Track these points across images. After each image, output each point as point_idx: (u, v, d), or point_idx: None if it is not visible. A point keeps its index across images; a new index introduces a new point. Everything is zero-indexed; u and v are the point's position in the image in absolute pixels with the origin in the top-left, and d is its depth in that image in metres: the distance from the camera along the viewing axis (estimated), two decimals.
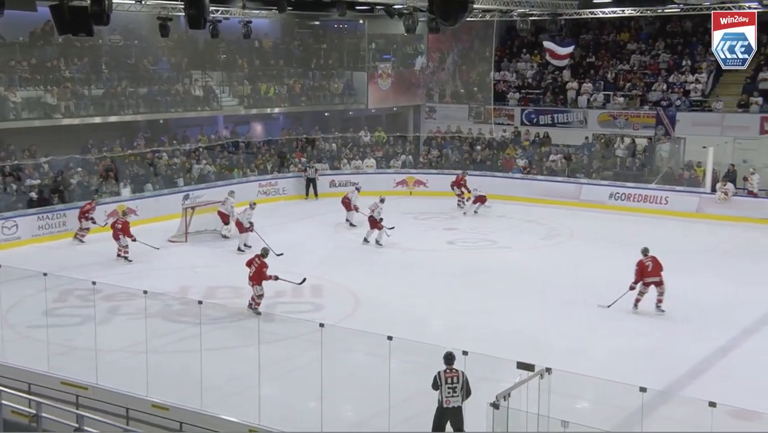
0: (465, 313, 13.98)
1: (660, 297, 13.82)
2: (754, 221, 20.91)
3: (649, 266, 13.72)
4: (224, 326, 12.77)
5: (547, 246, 19.46)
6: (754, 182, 21.83)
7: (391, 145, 27.67)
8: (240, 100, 26.58)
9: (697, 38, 27.76)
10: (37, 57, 22.54)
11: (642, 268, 13.78)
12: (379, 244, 18.65)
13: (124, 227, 17.41)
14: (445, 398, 8.82)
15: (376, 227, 18.65)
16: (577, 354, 12.02)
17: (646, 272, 13.74)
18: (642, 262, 13.81)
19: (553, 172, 25.02)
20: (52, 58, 22.79)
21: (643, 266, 13.78)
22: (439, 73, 31.16)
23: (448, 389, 8.80)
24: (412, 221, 22.02)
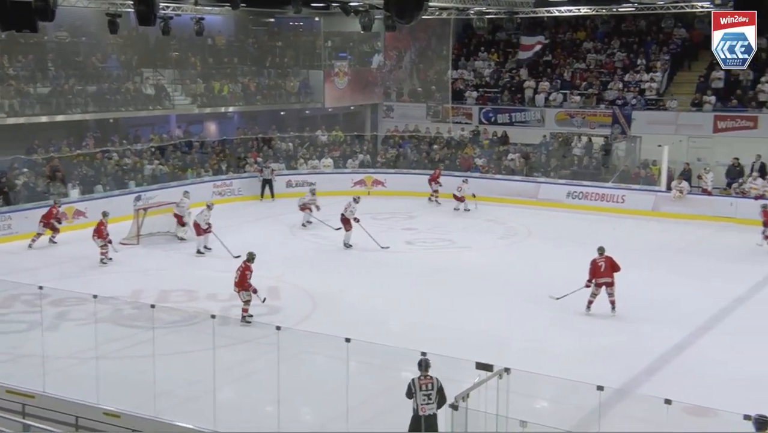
0: (424, 313, 14.04)
1: (611, 298, 13.80)
2: (708, 218, 21.43)
3: (601, 266, 13.73)
4: (178, 330, 12.61)
5: (505, 245, 19.67)
6: (708, 180, 22.36)
7: (348, 145, 27.67)
8: (193, 99, 26.30)
9: (652, 37, 28.34)
10: None
11: (595, 267, 13.80)
12: (348, 246, 18.54)
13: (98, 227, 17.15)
14: (420, 406, 8.65)
15: (348, 228, 18.52)
16: (536, 353, 12.17)
17: (598, 271, 13.74)
18: (595, 261, 13.84)
19: (511, 172, 25.28)
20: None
21: (595, 266, 13.80)
22: (397, 71, 31.25)
23: (423, 396, 8.63)
24: (371, 221, 21.89)
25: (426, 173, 25.61)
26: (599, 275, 13.75)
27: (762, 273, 16.69)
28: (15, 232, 19.02)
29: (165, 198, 21.23)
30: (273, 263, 17.29)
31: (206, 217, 17.99)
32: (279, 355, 9.24)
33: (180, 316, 13.21)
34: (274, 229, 20.73)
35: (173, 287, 15.60)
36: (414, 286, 15.86)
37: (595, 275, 13.77)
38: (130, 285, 15.50)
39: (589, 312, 13.84)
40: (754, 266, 17.27)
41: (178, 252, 18.36)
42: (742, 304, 14.79)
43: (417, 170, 26.13)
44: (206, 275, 16.55)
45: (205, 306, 13.91)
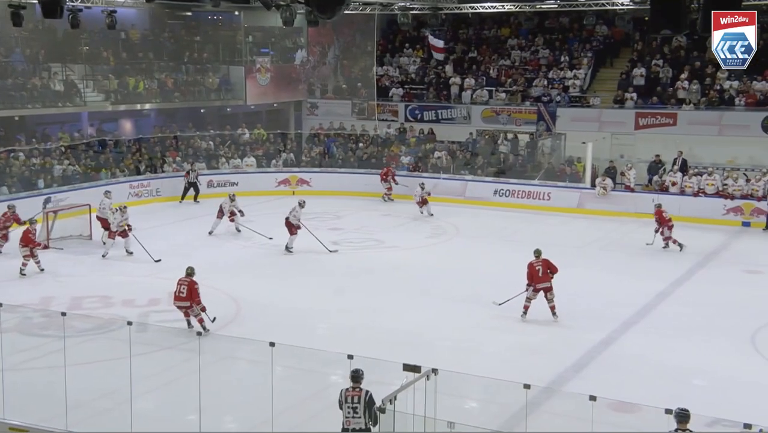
0: (351, 315, 14.05)
1: (551, 304, 13.76)
2: (632, 215, 22.13)
3: (539, 270, 13.66)
4: (92, 339, 12.26)
5: (433, 244, 19.85)
6: (631, 177, 23.11)
7: (271, 143, 27.43)
8: (106, 96, 25.59)
9: (574, 34, 29.12)
10: None
11: (532, 271, 13.70)
12: (290, 250, 18.32)
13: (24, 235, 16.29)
14: (345, 419, 8.51)
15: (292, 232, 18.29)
16: (464, 353, 12.33)
17: (536, 276, 13.67)
18: (532, 265, 13.74)
19: (438, 170, 25.53)
20: None
21: (533, 270, 13.70)
22: (321, 67, 31.16)
23: (348, 408, 8.47)
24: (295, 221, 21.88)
25: (352, 172, 25.67)
26: (537, 280, 13.64)
27: (682, 269, 17.36)
28: None
29: (77, 200, 20.57)
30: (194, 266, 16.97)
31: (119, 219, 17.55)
32: (200, 361, 9.08)
33: (94, 323, 12.85)
34: (196, 231, 20.36)
35: (86, 293, 15.13)
36: (340, 287, 15.84)
37: (533, 279, 13.68)
38: (38, 292, 14.97)
39: (525, 318, 13.75)
40: (675, 262, 17.94)
41: (91, 257, 17.83)
42: (664, 299, 15.34)
43: (343, 169, 26.12)
44: (122, 280, 16.14)
45: (121, 312, 13.54)
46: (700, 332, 13.57)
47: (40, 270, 16.38)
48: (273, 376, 8.97)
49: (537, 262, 13.78)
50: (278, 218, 20.33)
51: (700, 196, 22.02)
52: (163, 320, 13.55)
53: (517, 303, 13.96)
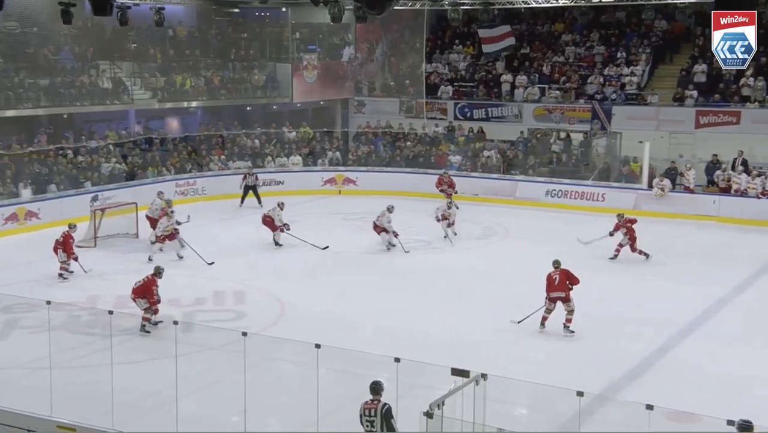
0: (397, 317, 14.06)
1: (568, 316, 13.43)
2: (690, 217, 21.70)
3: (555, 280, 13.43)
4: (138, 338, 12.50)
5: (482, 246, 19.75)
6: (690, 178, 22.66)
7: (318, 142, 27.60)
8: (153, 93, 26.07)
9: (632, 29, 28.66)
10: None
11: (549, 281, 13.49)
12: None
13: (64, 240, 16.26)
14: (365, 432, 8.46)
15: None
16: (513, 358, 12.25)
17: (552, 285, 13.43)
18: (550, 275, 13.53)
19: (487, 169, 25.37)
20: None
21: (549, 280, 13.49)
22: (368, 64, 31.24)
23: (366, 422, 8.40)
24: (341, 221, 22.00)
25: (399, 171, 25.69)
26: (552, 289, 13.42)
27: (744, 274, 16.95)
28: None
29: (124, 198, 21.01)
30: (239, 267, 17.26)
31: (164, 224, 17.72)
32: (245, 362, 9.18)
33: (139, 323, 13.07)
34: (240, 231, 20.61)
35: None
36: (386, 289, 15.86)
37: (549, 289, 13.45)
38: (85, 291, 15.32)
39: (543, 329, 13.46)
40: (736, 265, 17.53)
41: (137, 255, 18.16)
42: (724, 306, 15.01)
43: (390, 168, 26.15)
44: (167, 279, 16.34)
45: (167, 312, 13.76)
46: (763, 339, 13.24)
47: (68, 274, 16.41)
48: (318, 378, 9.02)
49: (555, 272, 13.52)
50: (323, 217, 20.55)
51: (762, 198, 21.47)
52: (208, 319, 13.77)
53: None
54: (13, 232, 19.49)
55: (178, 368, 9.57)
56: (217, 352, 11.58)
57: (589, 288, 15.80)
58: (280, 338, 11.22)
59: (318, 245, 18.61)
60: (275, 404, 10.51)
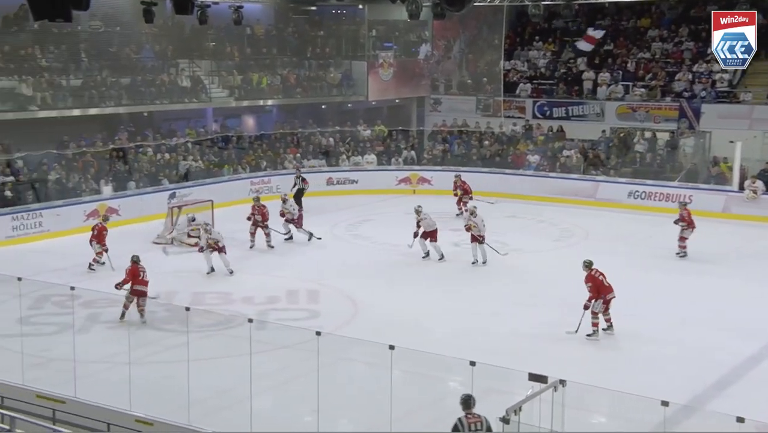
0: (471, 320, 13.99)
1: (609, 317, 13.16)
2: None
3: (602, 280, 13.03)
4: (212, 335, 12.76)
5: (560, 248, 19.46)
6: None
7: (392, 140, 27.68)
8: (230, 92, 26.60)
9: None
10: (11, 44, 22.56)
11: (596, 282, 12.98)
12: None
13: (99, 232, 16.92)
14: None
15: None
16: (593, 364, 12.03)
17: (603, 287, 13.01)
18: (593, 276, 13.06)
19: (567, 169, 25.00)
20: (26, 45, 22.80)
21: (597, 282, 12.98)
22: (445, 62, 31.15)
23: None
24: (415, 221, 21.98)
25: (475, 171, 25.53)
26: (605, 291, 13.00)
27: None
28: (46, 230, 19.47)
29: (200, 196, 21.53)
30: (312, 265, 17.46)
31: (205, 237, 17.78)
32: (318, 361, 9.28)
33: (215, 319, 13.37)
34: (315, 228, 20.80)
35: (207, 289, 15.81)
36: (460, 290, 15.80)
37: (601, 290, 13.01)
38: (162, 286, 15.69)
39: (597, 338, 13.09)
40: None
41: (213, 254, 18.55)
42: None
43: (466, 168, 25.97)
44: (242, 277, 16.73)
45: (241, 309, 14.06)
46: None
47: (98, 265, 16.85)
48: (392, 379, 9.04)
49: (597, 272, 13.08)
50: (396, 216, 20.58)
51: None
52: (281, 318, 13.95)
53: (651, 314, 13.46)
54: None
55: (252, 366, 9.73)
56: (290, 351, 11.71)
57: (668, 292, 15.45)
58: (353, 338, 11.28)
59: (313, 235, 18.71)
60: (348, 404, 10.58)
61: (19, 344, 11.30)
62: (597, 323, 13.14)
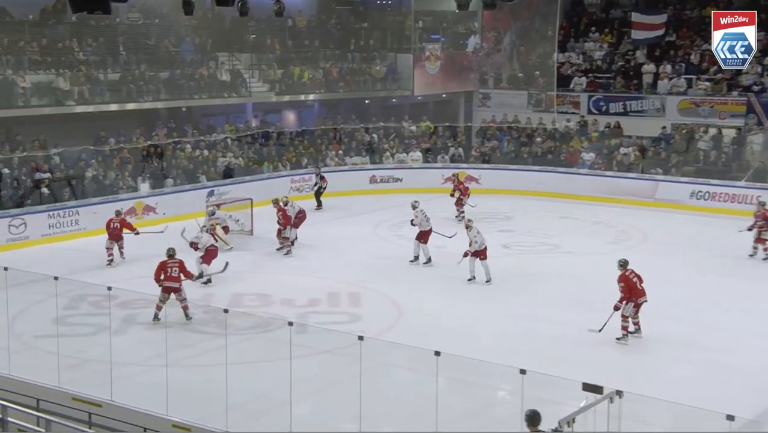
0: (520, 325, 13.91)
1: (638, 320, 13.06)
2: None
3: (636, 282, 12.89)
4: (251, 338, 12.90)
5: (616, 251, 19.03)
6: None
7: (439, 137, 27.64)
8: (271, 86, 26.83)
9: None
10: (48, 37, 23.06)
11: (630, 284, 12.84)
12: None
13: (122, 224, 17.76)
14: None
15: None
16: (651, 374, 11.85)
17: (635, 289, 12.85)
18: (627, 277, 12.91)
19: (624, 168, 24.69)
20: (64, 38, 23.29)
21: (630, 283, 12.84)
22: (495, 55, 30.99)
23: None
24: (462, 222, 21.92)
25: (525, 169, 25.39)
26: (637, 293, 12.87)
27: None
28: (82, 228, 19.83)
29: (239, 194, 21.74)
30: (356, 267, 17.51)
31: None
32: (361, 367, 9.30)
33: (254, 322, 13.50)
34: (358, 228, 20.92)
35: (246, 290, 15.96)
36: (509, 295, 15.72)
37: (633, 292, 12.86)
38: (201, 287, 15.92)
39: (626, 342, 12.99)
40: None
41: (252, 253, 18.76)
42: None
43: (515, 166, 25.85)
44: (281, 278, 16.87)
45: (281, 312, 14.16)
46: None
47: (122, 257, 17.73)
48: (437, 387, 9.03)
49: (630, 273, 12.97)
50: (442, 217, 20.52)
51: None
52: (322, 321, 14.04)
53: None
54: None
55: (292, 371, 9.80)
56: (331, 355, 11.78)
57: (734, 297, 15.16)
58: (397, 343, 11.30)
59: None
60: (391, 412, 10.59)
61: (55, 345, 11.54)
62: (627, 326, 13.08)
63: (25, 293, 13.86)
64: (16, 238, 18.87)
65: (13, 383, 11.12)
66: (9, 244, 18.64)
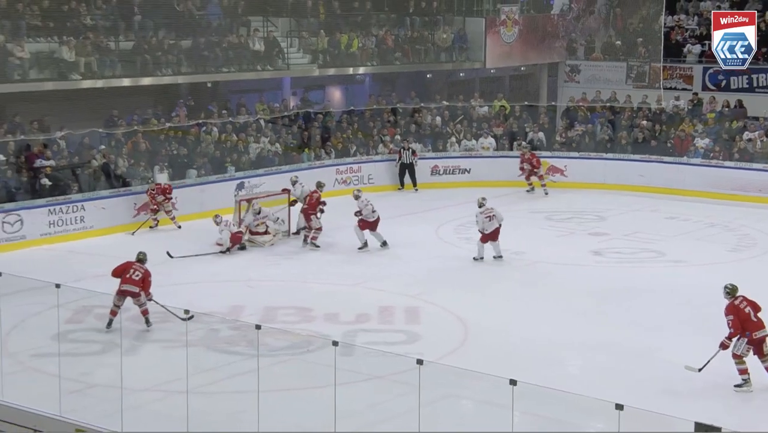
0: (615, 350, 13.76)
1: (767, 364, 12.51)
2: None
3: (750, 314, 12.49)
4: (287, 360, 12.99)
5: (737, 261, 18.93)
6: None
7: (516, 119, 27.51)
8: (313, 57, 26.97)
9: None
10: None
11: (742, 316, 12.45)
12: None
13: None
14: None
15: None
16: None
17: (749, 322, 12.43)
18: (737, 307, 12.53)
19: (749, 157, 24.31)
20: (69, 0, 23.64)
21: (741, 314, 12.45)
22: (586, 18, 30.81)
23: None
24: (544, 222, 21.83)
25: (623, 158, 25.14)
26: (752, 327, 12.41)
27: None
28: (89, 226, 20.17)
29: (273, 186, 21.87)
30: (413, 276, 17.53)
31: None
32: (420, 397, 9.30)
33: (290, 341, 13.59)
34: (417, 229, 20.92)
35: (282, 303, 16.06)
36: (601, 313, 15.57)
37: (747, 326, 12.44)
38: (228, 299, 16.09)
39: (750, 387, 12.45)
40: None
41: (290, 259, 18.89)
42: None
43: (611, 154, 25.62)
44: (324, 289, 16.95)
45: (323, 329, 14.24)
46: None
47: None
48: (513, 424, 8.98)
49: (741, 301, 12.61)
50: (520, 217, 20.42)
51: None
52: (372, 341, 14.06)
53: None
54: (147, 224, 20.79)
55: (336, 400, 9.84)
56: (384, 382, 11.81)
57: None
58: (463, 369, 11.26)
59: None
60: None
61: (55, 366, 11.71)
62: (745, 369, 12.63)
63: (21, 304, 14.11)
64: (10, 237, 19.19)
65: (6, 410, 11.27)
66: (3, 244, 18.97)
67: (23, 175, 20.24)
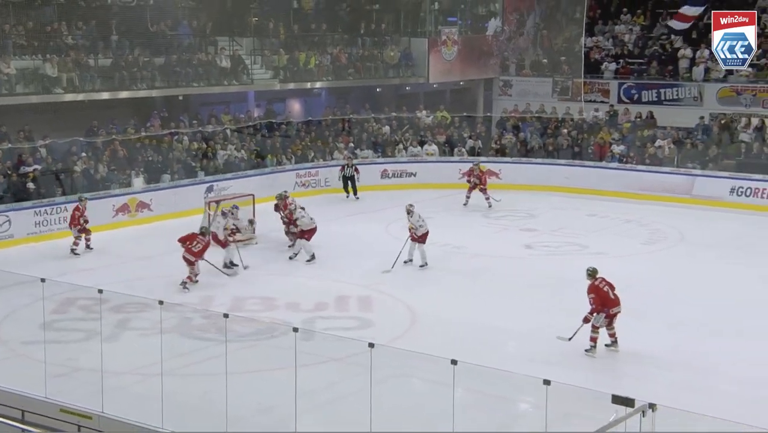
0: (547, 334, 13.82)
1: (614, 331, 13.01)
2: None
3: (608, 292, 12.92)
4: (253, 345, 12.91)
5: (649, 252, 19.17)
6: None
7: (456, 128, 27.60)
8: (274, 73, 26.86)
9: None
10: (35, 20, 23.17)
11: (601, 295, 12.88)
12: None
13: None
14: None
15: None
16: (689, 387, 11.79)
17: (608, 299, 12.88)
18: (597, 287, 12.94)
19: (658, 162, 24.60)
20: (52, 21, 23.38)
21: (601, 293, 12.89)
22: (517, 39, 30.96)
23: None
24: (481, 219, 21.92)
25: (550, 163, 25.36)
26: (610, 304, 12.90)
27: None
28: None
29: (240, 189, 21.74)
30: (366, 268, 17.49)
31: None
32: (371, 377, 9.29)
33: (256, 328, 13.52)
34: (369, 227, 20.91)
35: (248, 293, 15.98)
36: (533, 300, 15.66)
37: (606, 303, 12.90)
38: (199, 290, 15.97)
39: (594, 354, 12.90)
40: None
41: (254, 254, 18.77)
42: None
43: (539, 159, 25.81)
44: (287, 280, 16.88)
45: (285, 317, 14.18)
46: None
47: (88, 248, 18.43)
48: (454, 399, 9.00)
49: (601, 282, 12.99)
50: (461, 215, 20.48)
51: None
52: (330, 327, 14.03)
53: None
54: (124, 224, 20.57)
55: (297, 381, 9.79)
56: (339, 364, 11.79)
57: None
58: (410, 351, 11.27)
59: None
60: (405, 426, 10.56)
61: (41, 353, 11.56)
62: (596, 337, 13.05)
63: (10, 297, 13.92)
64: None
65: None
66: None
67: (11, 180, 19.95)
